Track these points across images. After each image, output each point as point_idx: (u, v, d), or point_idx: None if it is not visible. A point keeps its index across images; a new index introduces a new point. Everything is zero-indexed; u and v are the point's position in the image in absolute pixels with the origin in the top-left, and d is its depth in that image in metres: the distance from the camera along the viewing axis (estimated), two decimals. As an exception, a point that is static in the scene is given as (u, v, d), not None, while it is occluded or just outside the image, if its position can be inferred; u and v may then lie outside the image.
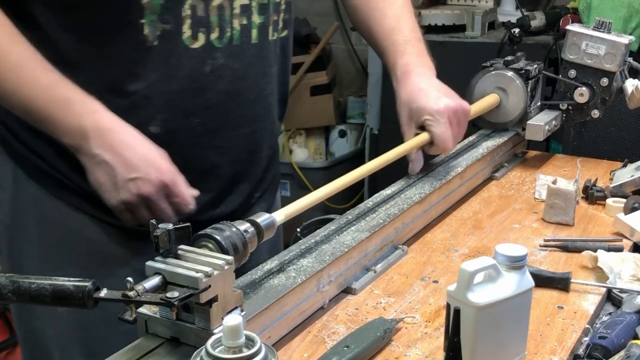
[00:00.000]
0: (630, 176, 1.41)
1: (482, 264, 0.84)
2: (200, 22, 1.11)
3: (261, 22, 1.18)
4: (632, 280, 1.09)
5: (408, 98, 1.32)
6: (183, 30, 1.09)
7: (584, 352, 0.95)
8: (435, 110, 1.29)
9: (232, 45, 1.15)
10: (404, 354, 0.92)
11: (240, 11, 1.14)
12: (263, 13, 1.18)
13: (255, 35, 1.17)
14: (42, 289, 0.75)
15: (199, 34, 1.11)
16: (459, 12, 2.84)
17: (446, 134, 1.29)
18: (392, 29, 1.38)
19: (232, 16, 1.14)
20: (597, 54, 1.53)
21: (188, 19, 1.09)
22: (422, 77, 1.34)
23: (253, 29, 1.17)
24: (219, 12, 1.12)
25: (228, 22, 1.13)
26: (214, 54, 1.13)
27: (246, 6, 1.15)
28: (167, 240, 0.80)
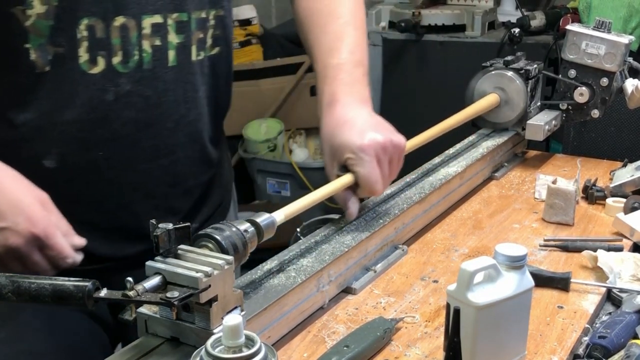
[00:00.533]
0: (630, 176, 1.41)
1: (482, 264, 0.84)
2: (100, 45, 1.00)
3: (180, 42, 1.06)
4: (632, 280, 1.09)
5: (330, 132, 1.12)
6: (79, 53, 0.99)
7: (584, 351, 0.95)
8: (358, 147, 1.08)
9: (142, 70, 1.04)
10: (404, 353, 0.92)
11: (151, 31, 1.03)
12: (182, 32, 1.07)
13: (173, 57, 1.06)
14: (42, 289, 0.75)
15: (98, 57, 1.00)
16: (459, 12, 2.84)
17: (372, 174, 1.09)
18: (328, 50, 1.18)
19: (141, 37, 1.03)
20: (597, 53, 1.53)
21: (85, 41, 0.99)
22: (349, 107, 1.13)
23: (169, 50, 1.06)
24: (121, 33, 1.01)
25: (134, 45, 1.02)
26: (118, 80, 1.02)
27: (159, 25, 1.04)
28: (167, 240, 0.81)
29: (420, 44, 2.83)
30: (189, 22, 1.07)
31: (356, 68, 1.17)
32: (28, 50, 0.97)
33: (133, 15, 1.02)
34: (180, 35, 1.07)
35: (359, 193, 1.14)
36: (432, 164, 1.43)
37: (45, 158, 1.03)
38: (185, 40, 1.07)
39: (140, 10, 1.02)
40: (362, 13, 1.25)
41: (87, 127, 1.02)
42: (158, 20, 1.04)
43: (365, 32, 1.25)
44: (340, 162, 1.11)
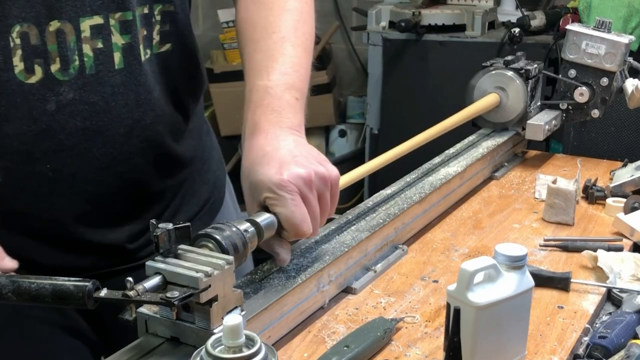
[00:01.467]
0: (630, 176, 1.41)
1: (482, 264, 0.84)
2: (35, 52, 0.93)
3: (126, 43, 0.99)
4: (632, 280, 1.09)
5: (249, 167, 0.97)
6: (14, 63, 0.92)
7: (584, 351, 0.95)
8: (276, 183, 0.93)
9: (85, 76, 0.96)
10: (404, 353, 0.92)
11: (91, 34, 0.96)
12: (128, 31, 0.99)
13: (119, 59, 0.99)
14: (42, 289, 0.75)
15: (35, 66, 0.93)
16: (459, 12, 2.84)
17: (295, 214, 0.93)
18: (257, 70, 1.04)
19: (80, 41, 0.95)
20: (597, 53, 1.53)
21: (18, 49, 0.92)
22: (271, 137, 0.98)
23: (115, 52, 0.98)
24: (58, 38, 0.94)
25: (73, 50, 0.95)
26: (58, 89, 0.95)
27: (100, 27, 0.96)
28: (167, 240, 0.81)
29: (420, 44, 2.83)
30: (134, 20, 0.99)
31: (287, 91, 1.02)
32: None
33: (69, 19, 0.94)
34: (126, 35, 0.99)
35: (285, 236, 0.97)
36: (432, 164, 1.43)
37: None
38: (131, 40, 0.99)
39: (76, 13, 0.95)
40: (307, 26, 1.12)
41: (30, 140, 0.96)
42: (98, 22, 0.96)
43: (308, 49, 1.10)
44: (260, 202, 0.96)
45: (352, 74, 3.76)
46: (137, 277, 0.79)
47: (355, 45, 3.69)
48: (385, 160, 1.24)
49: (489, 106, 1.57)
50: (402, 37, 2.84)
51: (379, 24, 2.94)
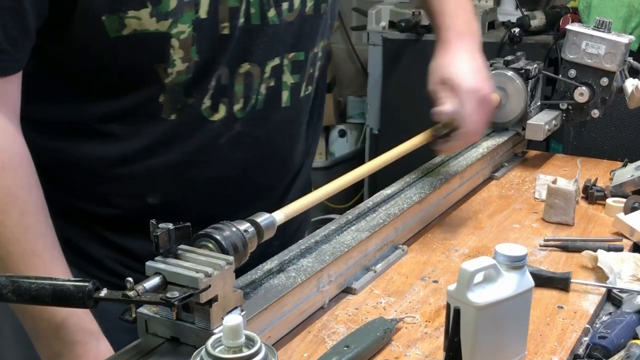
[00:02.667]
0: (630, 176, 1.41)
1: (482, 264, 0.84)
2: (223, 92, 0.99)
3: (295, 83, 1.05)
4: (632, 280, 1.09)
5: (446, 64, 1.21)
6: (203, 101, 0.98)
7: (584, 352, 0.95)
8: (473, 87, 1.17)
9: (255, 111, 1.03)
10: (404, 354, 0.92)
11: (270, 74, 1.02)
12: (298, 72, 1.05)
13: (287, 97, 1.05)
14: (42, 289, 0.75)
15: (220, 104, 0.99)
16: (459, 12, 2.84)
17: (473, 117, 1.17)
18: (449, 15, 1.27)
19: (262, 82, 1.01)
20: (597, 53, 1.53)
21: (211, 90, 0.98)
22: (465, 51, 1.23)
23: (284, 90, 1.04)
24: (245, 80, 0.99)
25: (255, 90, 1.01)
26: (233, 125, 1.02)
27: (277, 67, 1.02)
28: (167, 240, 0.80)
29: (420, 44, 2.83)
30: (306, 60, 1.06)
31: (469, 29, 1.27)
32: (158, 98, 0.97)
33: (258, 62, 1.00)
34: (296, 75, 1.05)
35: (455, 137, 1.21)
36: (432, 164, 1.43)
37: (149, 195, 1.03)
38: (299, 80, 1.06)
39: (265, 56, 1.00)
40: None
41: (195, 168, 1.02)
42: (276, 63, 1.02)
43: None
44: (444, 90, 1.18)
45: (352, 74, 3.76)
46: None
47: (355, 45, 3.69)
48: (385, 160, 1.24)
49: (489, 106, 1.57)
50: (402, 37, 2.84)
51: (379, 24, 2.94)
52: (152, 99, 0.97)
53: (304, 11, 1.02)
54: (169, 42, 0.92)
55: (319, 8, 1.04)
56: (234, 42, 0.96)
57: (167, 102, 0.97)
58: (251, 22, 0.97)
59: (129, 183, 1.02)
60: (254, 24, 0.97)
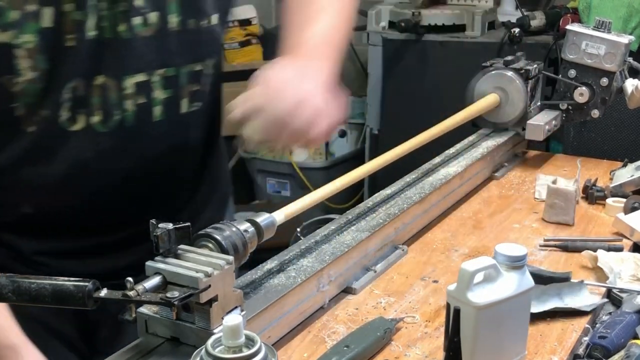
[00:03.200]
0: (630, 176, 1.41)
1: (482, 264, 0.84)
2: (80, 103, 0.98)
3: (168, 98, 1.04)
4: (632, 280, 1.09)
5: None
6: (61, 112, 0.98)
7: (584, 352, 0.95)
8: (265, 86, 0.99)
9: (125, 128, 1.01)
10: (404, 353, 0.92)
11: (135, 90, 1.01)
12: (170, 87, 1.04)
13: (160, 112, 1.03)
14: (42, 289, 0.75)
15: (78, 116, 0.98)
16: (459, 12, 2.84)
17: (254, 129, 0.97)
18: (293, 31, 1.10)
19: (123, 97, 1.00)
20: (597, 53, 1.53)
21: (68, 102, 0.97)
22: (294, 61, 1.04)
23: (155, 106, 1.03)
24: (102, 92, 0.99)
25: (115, 105, 1.00)
26: (97, 139, 1.00)
27: (143, 83, 1.01)
28: (167, 240, 0.81)
29: (420, 44, 2.83)
30: (177, 76, 1.04)
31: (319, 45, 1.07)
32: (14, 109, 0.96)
33: (114, 75, 0.99)
34: (168, 90, 1.04)
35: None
36: (432, 164, 1.43)
37: (21, 205, 1.03)
38: (173, 95, 1.04)
39: (122, 70, 0.99)
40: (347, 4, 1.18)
41: (65, 181, 1.02)
42: (142, 79, 1.01)
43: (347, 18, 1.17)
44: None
45: (352, 74, 3.76)
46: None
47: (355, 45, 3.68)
48: (385, 160, 1.24)
49: (489, 106, 1.57)
50: (402, 37, 2.84)
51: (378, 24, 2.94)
52: (7, 112, 0.96)
53: (165, 27, 1.01)
54: (13, 52, 0.92)
55: (186, 24, 1.02)
56: (83, 54, 0.96)
57: (25, 114, 0.97)
58: (104, 35, 0.97)
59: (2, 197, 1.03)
60: (106, 37, 0.97)
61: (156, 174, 1.07)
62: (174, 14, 1.01)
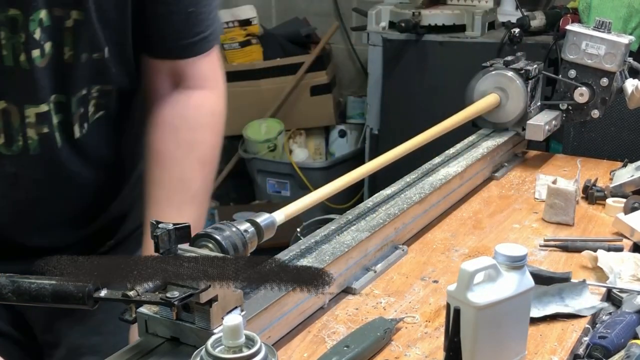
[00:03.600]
0: (630, 176, 1.41)
1: (482, 264, 0.84)
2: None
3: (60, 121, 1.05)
4: (632, 280, 1.09)
5: None
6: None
7: (584, 352, 0.95)
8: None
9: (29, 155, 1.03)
10: (404, 353, 0.92)
11: (37, 120, 1.02)
12: (60, 111, 1.05)
13: (59, 138, 1.06)
14: (42, 289, 0.75)
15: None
16: (459, 12, 2.84)
17: None
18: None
19: (25, 125, 1.02)
20: (597, 54, 1.53)
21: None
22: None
23: (56, 132, 1.05)
24: (3, 117, 1.00)
25: (18, 131, 1.02)
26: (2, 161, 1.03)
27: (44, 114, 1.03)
28: (167, 240, 0.80)
29: (420, 44, 2.83)
30: (68, 103, 1.05)
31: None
32: None
33: (15, 102, 1.00)
34: (60, 114, 1.05)
35: None
36: (432, 164, 1.43)
37: None
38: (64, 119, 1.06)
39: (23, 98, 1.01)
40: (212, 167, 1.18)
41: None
42: (43, 110, 1.02)
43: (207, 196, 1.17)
44: None
45: (352, 74, 3.76)
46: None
47: (355, 45, 3.69)
48: (385, 160, 1.24)
49: (489, 106, 1.57)
50: (402, 37, 2.84)
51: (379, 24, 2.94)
52: None
53: (61, 58, 1.02)
54: None
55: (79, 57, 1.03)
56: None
57: None
58: (4, 62, 0.98)
59: None
60: (7, 65, 0.98)
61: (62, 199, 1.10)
62: (67, 47, 1.02)
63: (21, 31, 0.97)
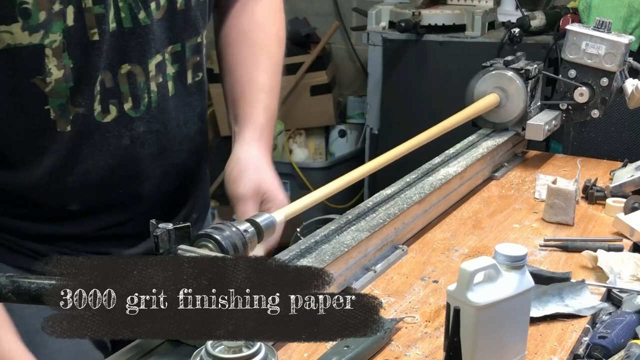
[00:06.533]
0: (630, 176, 1.41)
1: (482, 264, 0.84)
2: (110, 94, 1.02)
3: (176, 72, 1.10)
4: (632, 280, 1.09)
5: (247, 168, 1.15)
6: (94, 107, 1.01)
7: (584, 352, 0.95)
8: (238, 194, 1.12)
9: (151, 109, 1.07)
10: (404, 353, 0.92)
11: (156, 72, 1.06)
12: (177, 61, 1.10)
13: (172, 86, 1.09)
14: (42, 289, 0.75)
15: (110, 106, 1.03)
16: (459, 12, 2.84)
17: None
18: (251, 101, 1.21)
19: (149, 80, 1.05)
20: (597, 53, 1.53)
21: (98, 95, 1.01)
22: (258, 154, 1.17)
23: (169, 81, 1.09)
24: (129, 80, 1.03)
25: (143, 89, 1.05)
26: (131, 125, 1.05)
27: (160, 63, 1.06)
28: (167, 240, 0.81)
29: (420, 44, 2.83)
30: (183, 50, 1.09)
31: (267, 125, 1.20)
32: (49, 111, 0.98)
33: (138, 61, 1.03)
34: (176, 65, 1.09)
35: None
36: (432, 164, 1.43)
37: (67, 204, 1.06)
38: (179, 69, 1.10)
39: (144, 55, 1.03)
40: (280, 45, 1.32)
41: (106, 172, 1.05)
42: (159, 60, 1.06)
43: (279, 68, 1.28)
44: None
45: (352, 74, 3.76)
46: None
47: (355, 45, 3.69)
48: (385, 160, 1.24)
49: (489, 106, 1.57)
50: (402, 37, 2.84)
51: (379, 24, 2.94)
52: (42, 114, 0.98)
53: (175, 7, 1.06)
54: (44, 52, 0.95)
55: (190, 2, 1.08)
56: (106, 46, 0.99)
57: (59, 116, 0.99)
58: (123, 25, 1.00)
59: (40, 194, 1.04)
60: (126, 27, 1.01)
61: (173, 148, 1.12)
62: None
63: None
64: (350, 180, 1.15)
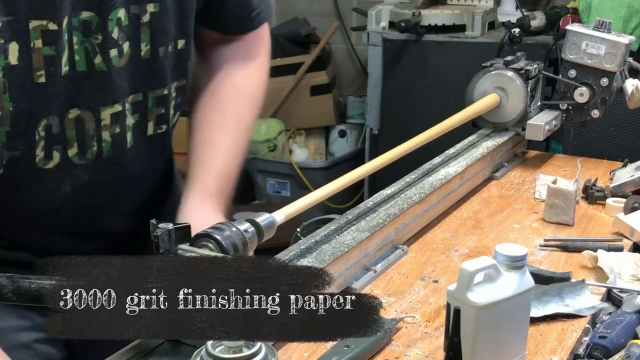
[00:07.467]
0: (630, 176, 1.41)
1: (482, 264, 0.84)
2: (55, 140, 0.95)
3: (136, 122, 1.04)
4: (632, 280, 1.09)
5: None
6: (36, 153, 0.94)
7: (584, 352, 0.95)
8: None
9: (102, 159, 1.01)
10: (404, 353, 0.92)
11: (111, 121, 0.99)
12: (137, 111, 1.03)
13: (130, 137, 1.03)
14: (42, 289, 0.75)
15: (54, 152, 0.96)
16: (459, 12, 2.84)
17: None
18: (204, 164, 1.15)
19: (101, 129, 0.99)
20: (597, 53, 1.53)
21: (42, 141, 0.94)
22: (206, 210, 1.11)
23: (127, 132, 1.03)
24: (76, 125, 0.96)
25: (92, 137, 0.98)
26: (74, 172, 0.99)
27: (118, 113, 1.00)
28: (167, 240, 0.81)
29: (420, 44, 2.83)
30: (145, 101, 1.04)
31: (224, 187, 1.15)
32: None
33: (89, 108, 0.97)
34: (136, 115, 1.04)
35: None
36: (432, 164, 1.43)
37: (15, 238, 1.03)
38: (140, 119, 1.05)
39: (98, 102, 0.98)
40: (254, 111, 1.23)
41: (40, 217, 1.01)
42: (117, 110, 1.00)
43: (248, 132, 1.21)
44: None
45: (352, 74, 3.76)
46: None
47: (355, 45, 3.69)
48: (385, 160, 1.24)
49: (489, 106, 1.57)
50: (402, 37, 2.84)
51: (379, 24, 2.94)
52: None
53: (138, 55, 1.00)
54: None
55: (157, 52, 1.02)
56: (55, 90, 0.92)
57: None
58: (76, 69, 0.94)
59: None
60: (79, 71, 0.94)
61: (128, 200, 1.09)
62: (144, 43, 1.00)
63: (96, 33, 0.94)
64: (350, 180, 1.15)
